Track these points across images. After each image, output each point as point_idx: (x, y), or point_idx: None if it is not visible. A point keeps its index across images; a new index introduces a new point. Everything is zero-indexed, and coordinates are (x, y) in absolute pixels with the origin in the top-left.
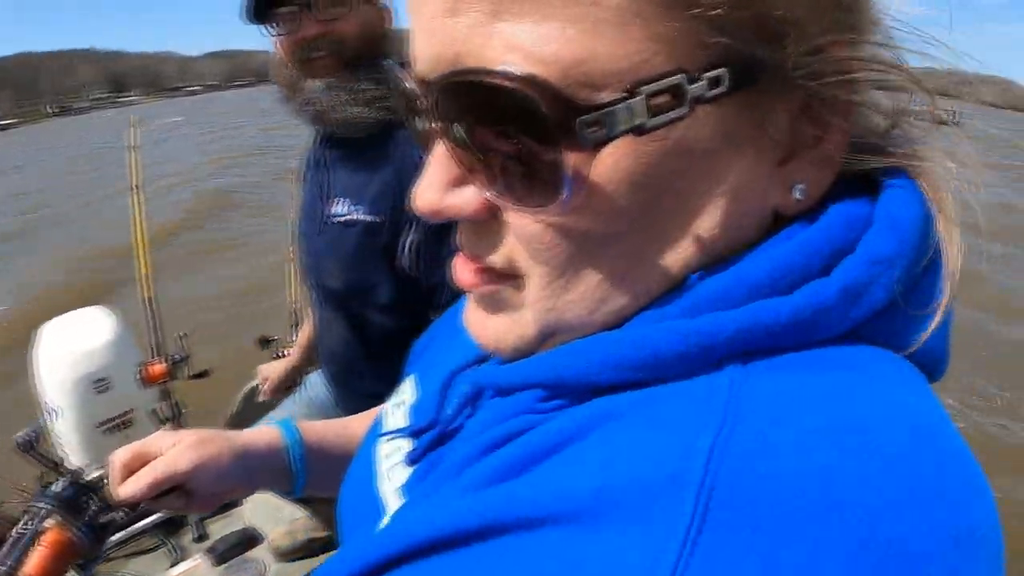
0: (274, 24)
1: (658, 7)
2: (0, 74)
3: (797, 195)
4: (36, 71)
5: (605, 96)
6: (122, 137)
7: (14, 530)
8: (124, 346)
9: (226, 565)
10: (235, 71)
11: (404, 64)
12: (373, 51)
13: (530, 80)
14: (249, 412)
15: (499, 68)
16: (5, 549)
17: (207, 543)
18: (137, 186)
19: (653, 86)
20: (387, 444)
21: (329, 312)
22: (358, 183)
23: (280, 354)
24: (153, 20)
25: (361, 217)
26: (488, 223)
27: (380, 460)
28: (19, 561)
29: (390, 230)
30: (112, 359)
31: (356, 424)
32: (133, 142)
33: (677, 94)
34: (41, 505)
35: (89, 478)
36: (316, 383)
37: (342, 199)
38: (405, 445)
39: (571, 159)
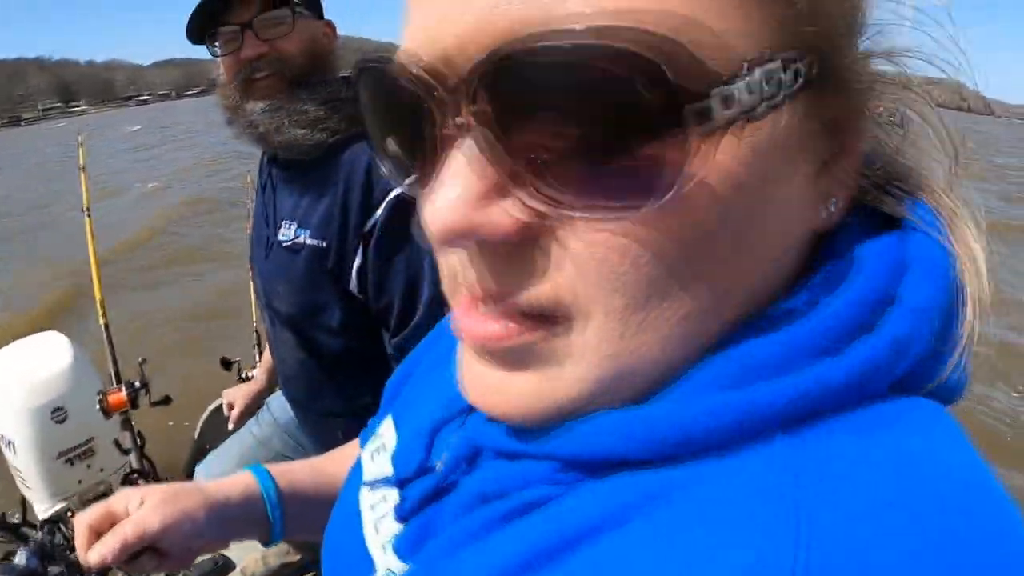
0: (215, 44)
1: None
2: None
3: (831, 209)
4: None
5: (718, 72)
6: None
7: None
8: (81, 373)
9: None
10: (188, 79)
11: (382, 60)
12: (318, 69)
13: (649, 42)
14: (211, 434)
15: (588, 27)
16: None
17: (179, 574)
18: (88, 208)
19: (767, 67)
20: (371, 493)
21: (283, 334)
22: (304, 207)
23: (245, 376)
24: (101, 29)
25: (307, 241)
26: (518, 250)
27: (365, 510)
28: None
29: (337, 254)
30: (69, 387)
31: (329, 464)
32: (81, 162)
33: (774, 81)
34: None
35: (48, 514)
36: (278, 405)
37: (288, 223)
38: (391, 495)
39: (672, 150)
